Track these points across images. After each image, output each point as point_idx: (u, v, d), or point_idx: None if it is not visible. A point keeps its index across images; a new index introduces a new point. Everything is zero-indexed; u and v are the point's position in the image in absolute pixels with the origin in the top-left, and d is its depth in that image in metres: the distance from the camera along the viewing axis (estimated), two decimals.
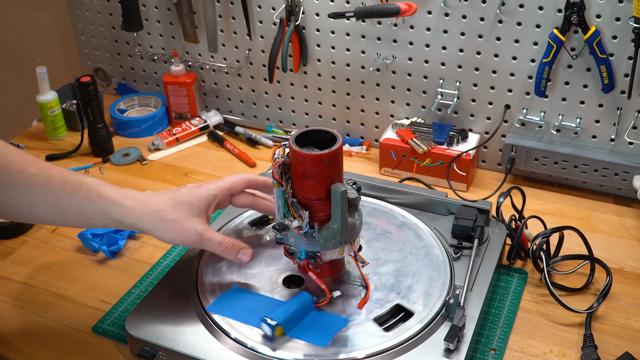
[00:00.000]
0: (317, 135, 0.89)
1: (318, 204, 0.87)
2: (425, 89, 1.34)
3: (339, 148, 0.86)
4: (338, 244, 0.89)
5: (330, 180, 0.86)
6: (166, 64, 1.57)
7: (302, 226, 0.87)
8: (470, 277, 0.97)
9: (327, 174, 0.85)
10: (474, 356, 0.94)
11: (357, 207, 0.91)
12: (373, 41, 1.33)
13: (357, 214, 0.91)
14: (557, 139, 1.28)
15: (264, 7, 1.38)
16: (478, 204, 1.08)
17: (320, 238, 0.88)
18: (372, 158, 1.41)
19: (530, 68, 1.24)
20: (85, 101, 1.39)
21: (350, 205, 0.89)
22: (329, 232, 0.88)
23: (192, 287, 0.96)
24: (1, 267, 1.14)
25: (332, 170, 0.86)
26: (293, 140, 0.86)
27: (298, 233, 0.88)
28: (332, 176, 0.86)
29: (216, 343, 0.88)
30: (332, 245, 0.89)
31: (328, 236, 0.88)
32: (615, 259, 1.12)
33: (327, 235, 0.88)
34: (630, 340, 0.97)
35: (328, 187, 0.86)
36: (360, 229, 0.92)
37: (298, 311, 0.89)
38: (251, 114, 1.54)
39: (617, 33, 1.14)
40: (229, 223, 1.09)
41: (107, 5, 1.55)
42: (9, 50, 1.52)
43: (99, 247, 1.14)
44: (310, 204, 0.87)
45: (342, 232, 0.88)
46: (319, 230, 0.88)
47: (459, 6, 1.23)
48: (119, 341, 0.98)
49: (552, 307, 1.02)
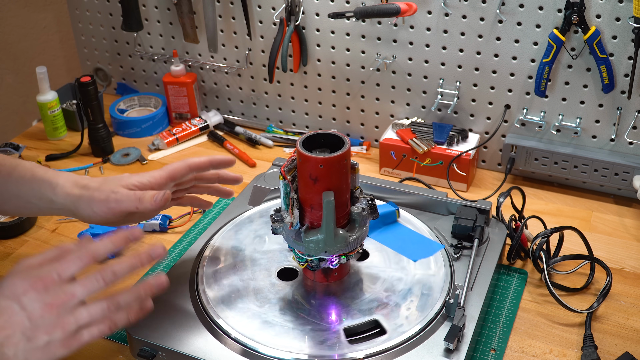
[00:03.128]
0: (330, 139, 0.88)
1: (318, 207, 0.87)
2: (425, 89, 1.34)
3: (338, 156, 0.84)
4: (322, 252, 0.88)
5: (328, 186, 0.85)
6: (166, 64, 1.57)
7: (293, 223, 0.88)
8: (470, 277, 0.97)
9: (324, 178, 0.85)
10: (474, 356, 0.94)
11: (361, 224, 0.90)
12: (373, 41, 1.33)
13: (356, 230, 0.89)
14: (557, 139, 1.28)
15: (264, 7, 1.38)
16: (478, 204, 1.08)
17: (305, 240, 0.88)
18: (372, 158, 1.41)
19: (530, 68, 1.24)
20: (85, 101, 1.39)
21: (352, 219, 0.89)
22: (314, 238, 0.87)
23: (192, 287, 0.97)
24: (1, 267, 1.14)
25: (330, 176, 0.85)
26: (302, 140, 0.86)
27: (289, 229, 0.89)
28: (330, 182, 0.85)
29: (216, 343, 0.88)
30: (316, 251, 0.88)
31: (312, 241, 0.88)
32: (615, 259, 1.12)
33: (312, 240, 0.87)
34: (630, 340, 0.97)
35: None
36: (354, 245, 0.90)
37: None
38: (251, 114, 1.54)
39: (617, 33, 1.14)
40: (228, 223, 1.09)
41: (107, 5, 1.55)
42: (9, 50, 1.52)
43: None
44: (313, 205, 0.87)
45: (326, 242, 0.87)
46: (306, 232, 0.88)
47: (459, 6, 1.23)
48: (119, 341, 0.98)
49: (552, 307, 1.02)
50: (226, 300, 0.94)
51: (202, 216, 1.24)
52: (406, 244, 0.98)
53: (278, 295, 0.94)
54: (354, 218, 0.89)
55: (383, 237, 0.99)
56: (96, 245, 0.81)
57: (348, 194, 0.89)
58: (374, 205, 0.91)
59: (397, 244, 0.97)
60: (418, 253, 0.94)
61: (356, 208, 0.89)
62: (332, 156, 0.84)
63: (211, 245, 1.04)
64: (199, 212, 1.25)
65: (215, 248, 1.03)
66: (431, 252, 0.95)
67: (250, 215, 1.10)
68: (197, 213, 1.25)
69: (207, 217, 1.23)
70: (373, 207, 0.91)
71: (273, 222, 0.90)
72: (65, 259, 0.78)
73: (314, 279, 0.96)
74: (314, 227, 0.88)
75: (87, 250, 0.80)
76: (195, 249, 1.04)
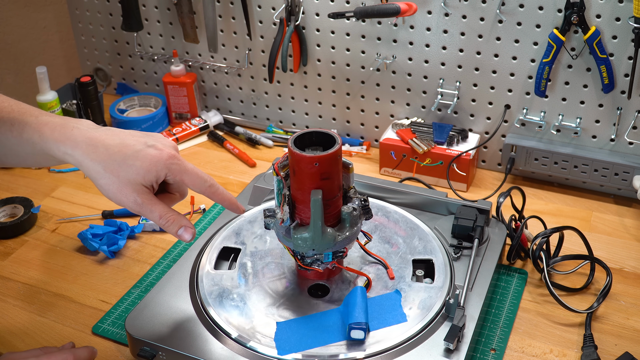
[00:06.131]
0: (322, 138, 0.88)
1: (308, 204, 0.87)
2: (425, 89, 1.34)
3: (329, 155, 0.84)
4: (310, 249, 0.88)
5: (317, 184, 0.85)
6: (166, 64, 1.57)
7: (283, 219, 0.88)
8: (470, 277, 0.97)
9: (315, 177, 0.85)
10: (474, 356, 0.94)
11: (351, 224, 0.90)
12: (373, 41, 1.33)
13: (346, 230, 0.89)
14: (557, 139, 1.28)
15: (264, 7, 1.38)
16: (478, 204, 1.08)
17: (294, 237, 0.88)
18: (372, 158, 1.41)
19: (530, 68, 1.24)
20: (85, 101, 1.39)
21: (342, 219, 0.89)
22: (302, 235, 0.88)
23: (192, 287, 0.97)
24: (1, 267, 1.14)
25: (320, 174, 0.84)
26: (294, 138, 0.86)
27: (280, 225, 0.89)
28: (320, 181, 0.85)
29: (216, 343, 0.88)
30: (304, 248, 0.89)
31: (300, 238, 0.88)
32: (615, 259, 1.12)
33: (299, 237, 0.88)
34: (630, 340, 0.97)
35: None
36: (343, 244, 0.90)
37: (365, 305, 0.89)
38: (251, 114, 1.54)
39: (617, 33, 1.14)
40: (228, 223, 1.09)
41: (107, 5, 1.55)
42: (9, 50, 1.52)
43: (99, 247, 1.14)
44: (303, 203, 0.87)
45: (314, 240, 0.87)
46: (295, 229, 0.88)
47: (459, 6, 1.23)
48: (119, 341, 0.98)
49: (552, 307, 1.02)
50: (226, 301, 0.94)
51: (202, 216, 1.24)
52: (384, 316, 0.91)
53: (281, 298, 0.94)
54: (344, 217, 0.89)
55: (373, 324, 0.90)
56: (78, 350, 0.89)
57: (339, 192, 0.89)
58: (367, 206, 0.91)
59: (381, 321, 0.90)
60: (398, 313, 0.91)
61: (347, 208, 0.89)
62: (323, 154, 0.84)
63: (211, 245, 1.04)
64: (199, 212, 1.25)
65: (215, 248, 1.03)
66: (398, 303, 0.91)
67: (250, 215, 1.10)
68: (197, 213, 1.25)
69: (207, 217, 1.23)
70: (366, 208, 0.91)
71: (265, 217, 0.92)
72: (49, 357, 0.86)
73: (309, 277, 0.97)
74: (304, 224, 0.89)
75: (70, 352, 0.87)
76: (195, 249, 1.04)
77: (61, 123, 0.83)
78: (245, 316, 0.91)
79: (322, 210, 0.85)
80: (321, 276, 0.96)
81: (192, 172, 0.85)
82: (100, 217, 1.24)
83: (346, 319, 0.88)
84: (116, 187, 0.82)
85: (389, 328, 0.89)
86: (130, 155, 0.82)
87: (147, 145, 0.83)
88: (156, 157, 0.82)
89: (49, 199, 1.30)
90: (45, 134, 0.82)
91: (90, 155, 0.82)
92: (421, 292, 0.93)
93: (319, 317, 0.91)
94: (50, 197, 1.31)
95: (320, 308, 0.92)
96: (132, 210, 0.83)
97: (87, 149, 0.82)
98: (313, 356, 0.85)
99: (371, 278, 0.96)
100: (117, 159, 0.81)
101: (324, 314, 0.91)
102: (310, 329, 0.89)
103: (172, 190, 0.89)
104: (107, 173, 0.81)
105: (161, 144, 0.84)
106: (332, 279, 0.97)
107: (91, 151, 0.82)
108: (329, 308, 0.92)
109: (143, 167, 0.82)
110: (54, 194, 1.32)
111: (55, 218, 1.25)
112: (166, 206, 0.85)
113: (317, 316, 0.91)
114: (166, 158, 0.83)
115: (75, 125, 0.83)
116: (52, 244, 1.19)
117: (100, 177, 0.82)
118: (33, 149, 0.84)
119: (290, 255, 0.94)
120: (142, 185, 0.82)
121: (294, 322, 0.90)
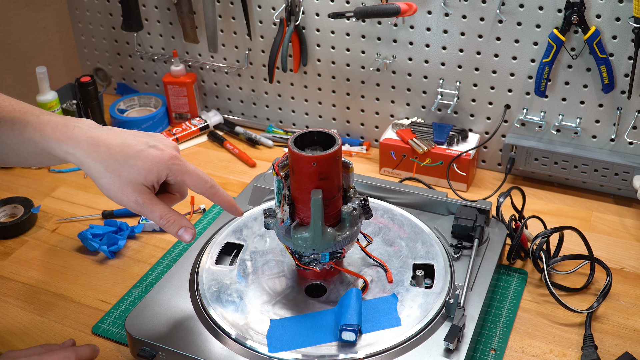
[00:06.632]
0: (322, 138, 0.88)
1: (308, 204, 0.87)
2: (425, 89, 1.34)
3: (329, 154, 0.84)
4: (310, 249, 0.88)
5: (317, 184, 0.85)
6: (166, 64, 1.57)
7: (284, 219, 0.88)
8: (470, 277, 0.97)
9: (314, 176, 0.85)
10: (474, 356, 0.94)
11: (351, 223, 0.90)
12: (373, 41, 1.33)
13: (346, 229, 0.89)
14: (557, 139, 1.28)
15: (264, 7, 1.38)
16: (478, 204, 1.08)
17: (294, 237, 0.88)
18: (372, 158, 1.41)
19: (530, 68, 1.24)
20: (85, 101, 1.39)
21: (342, 218, 0.89)
22: (302, 235, 0.88)
23: (192, 287, 0.97)
24: (1, 267, 1.14)
25: (319, 174, 0.85)
26: (294, 138, 0.86)
27: (280, 225, 0.89)
28: (320, 181, 0.85)
29: (216, 343, 0.88)
30: (304, 248, 0.89)
31: (301, 238, 0.88)
32: (615, 259, 1.12)
33: (300, 237, 0.88)
34: (630, 340, 0.97)
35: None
36: (342, 245, 0.90)
37: (359, 307, 0.89)
38: (251, 114, 1.54)
39: (617, 33, 1.14)
40: (228, 223, 1.09)
41: (107, 5, 1.55)
42: (9, 50, 1.52)
43: (99, 247, 1.14)
44: (303, 203, 0.87)
45: (314, 239, 0.87)
46: (295, 229, 0.88)
47: (459, 6, 1.23)
48: (119, 341, 0.98)
49: (552, 307, 1.02)
50: (224, 296, 0.94)
51: (202, 216, 1.24)
52: (378, 319, 0.91)
53: (278, 296, 0.94)
54: (344, 217, 0.89)
55: (366, 327, 0.90)
56: (80, 348, 0.90)
57: (338, 192, 0.89)
58: (367, 206, 0.91)
59: (375, 324, 0.90)
60: (392, 317, 0.91)
61: (347, 207, 0.89)
62: (321, 155, 0.84)
63: (211, 245, 1.04)
64: (199, 212, 1.25)
65: (218, 243, 1.03)
66: (394, 308, 0.91)
67: (250, 215, 1.10)
68: (197, 213, 1.25)
69: (207, 217, 1.24)
70: (366, 207, 0.91)
71: (265, 217, 0.92)
72: (51, 355, 0.86)
73: (309, 277, 0.97)
74: (304, 224, 0.89)
75: (72, 350, 0.88)
76: (195, 248, 1.04)
77: (62, 122, 0.84)
78: (240, 312, 0.91)
79: (322, 210, 0.85)
80: (320, 276, 0.96)
81: (193, 172, 0.85)
82: (100, 217, 1.24)
83: (339, 320, 0.88)
84: (117, 186, 0.82)
85: (382, 331, 0.88)
86: (131, 155, 0.82)
87: (149, 145, 0.83)
88: (158, 157, 0.82)
89: (49, 199, 1.30)
90: (46, 133, 0.83)
91: (92, 155, 0.82)
92: (419, 297, 0.93)
93: (313, 316, 0.91)
94: (50, 197, 1.31)
95: (316, 308, 0.92)
96: (133, 210, 0.83)
97: (89, 148, 0.82)
98: (313, 356, 0.85)
99: (369, 280, 0.96)
100: (119, 158, 0.82)
101: (318, 314, 0.91)
102: (303, 328, 0.89)
103: (172, 191, 0.89)
104: (109, 172, 0.82)
105: (163, 144, 0.84)
106: (331, 279, 0.97)
107: (93, 150, 0.82)
108: (325, 308, 0.92)
109: (144, 167, 0.82)
110: (54, 194, 1.32)
111: (55, 218, 1.25)
112: (167, 206, 0.85)
113: (312, 316, 0.91)
114: (168, 158, 0.83)
115: (76, 124, 0.84)
116: (52, 244, 1.19)
117: (102, 176, 0.82)
118: (34, 148, 0.84)
119: (289, 254, 0.94)
120: (143, 185, 0.82)
121: (287, 321, 0.90)
